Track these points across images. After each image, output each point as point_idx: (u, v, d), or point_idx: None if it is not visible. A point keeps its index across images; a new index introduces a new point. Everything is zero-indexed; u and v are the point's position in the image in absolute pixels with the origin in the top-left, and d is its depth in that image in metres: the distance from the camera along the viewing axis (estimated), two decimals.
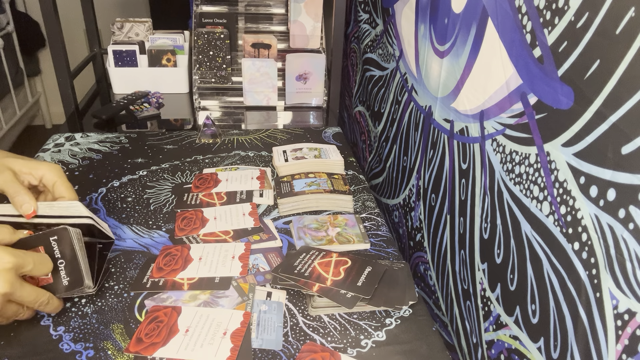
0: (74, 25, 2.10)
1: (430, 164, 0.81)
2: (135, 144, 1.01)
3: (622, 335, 0.39)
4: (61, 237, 0.58)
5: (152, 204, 0.82)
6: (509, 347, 0.57)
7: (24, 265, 0.53)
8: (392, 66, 1.01)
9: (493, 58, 0.58)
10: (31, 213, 0.59)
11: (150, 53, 1.25)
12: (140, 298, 0.63)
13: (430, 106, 0.80)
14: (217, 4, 1.28)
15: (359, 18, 1.26)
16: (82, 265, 0.59)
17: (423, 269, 0.87)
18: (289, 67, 1.22)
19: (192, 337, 0.57)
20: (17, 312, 0.55)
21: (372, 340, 0.59)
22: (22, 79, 2.60)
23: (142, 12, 2.61)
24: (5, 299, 0.52)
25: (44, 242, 0.58)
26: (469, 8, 0.64)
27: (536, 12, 0.49)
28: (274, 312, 0.62)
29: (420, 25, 0.83)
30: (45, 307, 0.57)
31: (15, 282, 0.52)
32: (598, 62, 0.41)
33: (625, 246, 0.38)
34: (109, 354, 0.55)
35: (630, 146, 0.38)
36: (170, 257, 0.69)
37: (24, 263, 0.53)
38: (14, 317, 0.56)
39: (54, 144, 1.00)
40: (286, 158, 0.95)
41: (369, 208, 0.85)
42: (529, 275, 0.52)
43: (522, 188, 0.53)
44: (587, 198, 0.43)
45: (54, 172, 0.64)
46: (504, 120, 0.57)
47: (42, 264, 0.56)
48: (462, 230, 0.70)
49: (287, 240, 0.75)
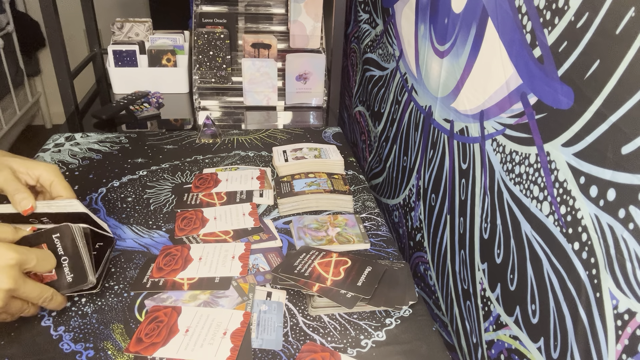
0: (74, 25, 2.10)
1: (430, 164, 0.81)
2: (135, 144, 1.01)
3: (622, 335, 0.39)
4: (64, 233, 0.59)
5: (152, 204, 0.82)
6: (509, 347, 0.57)
7: (28, 262, 0.54)
8: (392, 66, 1.01)
9: (493, 58, 0.58)
10: (29, 209, 0.60)
11: (150, 53, 1.26)
12: (140, 298, 0.63)
13: (430, 106, 0.80)
14: (217, 4, 1.28)
15: (359, 18, 1.26)
16: (86, 262, 0.59)
17: (423, 269, 0.87)
18: (289, 67, 1.22)
19: (192, 337, 0.57)
20: (21, 309, 0.55)
21: (372, 340, 0.59)
22: (22, 79, 2.60)
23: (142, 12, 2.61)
24: (10, 295, 0.52)
25: (46, 240, 0.58)
26: (469, 8, 0.64)
27: (536, 12, 0.49)
28: (274, 312, 0.62)
29: (420, 25, 0.83)
30: (49, 304, 0.57)
31: (19, 279, 0.52)
32: (598, 62, 0.41)
33: (625, 246, 0.38)
34: (109, 354, 0.55)
35: (630, 146, 0.38)
36: (170, 257, 0.69)
37: (28, 259, 0.53)
38: (19, 313, 0.56)
39: (54, 144, 1.00)
40: (286, 158, 0.95)
41: (369, 208, 0.85)
42: (529, 275, 0.53)
43: (522, 188, 0.53)
44: (587, 198, 0.43)
45: (51, 172, 0.64)
46: (504, 120, 0.57)
47: (45, 260, 0.56)
48: (462, 230, 0.70)
49: (287, 240, 0.75)
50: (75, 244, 0.59)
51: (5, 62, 2.35)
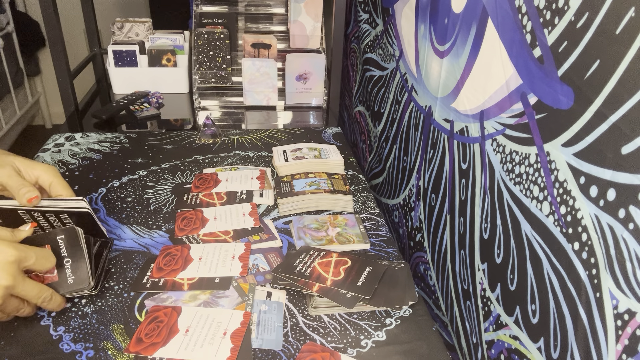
0: (74, 25, 2.10)
1: (430, 164, 0.81)
2: (135, 144, 1.01)
3: (622, 335, 0.39)
4: (69, 236, 0.60)
5: (152, 204, 0.82)
6: (509, 347, 0.57)
7: (27, 259, 0.54)
8: (392, 66, 1.01)
9: (493, 58, 0.58)
10: (34, 197, 0.60)
11: (150, 53, 1.25)
12: (140, 298, 0.63)
13: (430, 106, 0.80)
14: (217, 4, 1.28)
15: (359, 18, 1.26)
16: (88, 265, 0.60)
17: (423, 269, 0.87)
18: (289, 67, 1.22)
19: (192, 337, 0.57)
20: (17, 308, 0.55)
21: (372, 340, 0.59)
22: (22, 79, 2.60)
23: (142, 12, 2.61)
24: (8, 292, 0.52)
25: (51, 241, 0.59)
26: (469, 8, 0.64)
27: (536, 12, 0.49)
28: (274, 312, 0.62)
29: (420, 25, 0.83)
30: (48, 304, 0.57)
31: (17, 276, 0.52)
32: (598, 62, 0.41)
33: (625, 246, 0.38)
34: (109, 354, 0.55)
35: (630, 146, 0.38)
36: (170, 257, 0.69)
37: (27, 257, 0.54)
38: (15, 312, 0.56)
39: (54, 144, 1.00)
40: (286, 158, 0.95)
41: (369, 208, 0.85)
42: (529, 275, 0.52)
43: (522, 188, 0.53)
44: (587, 198, 0.43)
45: (50, 172, 0.64)
46: (504, 120, 0.57)
47: (44, 259, 0.56)
48: (462, 230, 0.70)
49: (287, 240, 0.75)
50: (80, 246, 0.60)
51: (5, 62, 2.35)
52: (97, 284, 0.62)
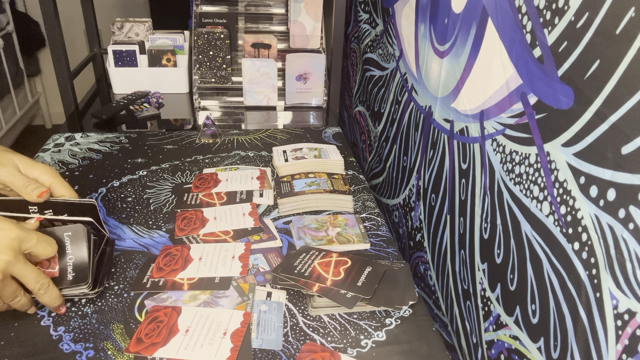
0: (74, 25, 2.10)
1: (430, 164, 0.81)
2: (135, 144, 1.01)
3: (622, 335, 0.39)
4: (75, 233, 0.61)
5: (152, 204, 0.82)
6: (509, 347, 0.57)
7: (28, 239, 0.54)
8: (392, 66, 1.01)
9: (493, 58, 0.58)
10: (44, 192, 0.61)
11: (150, 53, 1.26)
12: (140, 298, 0.63)
13: (430, 106, 0.80)
14: (217, 4, 1.28)
15: (359, 18, 1.26)
16: (90, 264, 0.61)
17: (423, 269, 0.87)
18: (289, 67, 1.22)
19: (192, 337, 0.57)
20: (15, 293, 0.55)
21: (372, 340, 0.59)
22: (22, 79, 2.60)
23: (142, 12, 2.61)
24: (8, 268, 0.52)
25: (57, 237, 0.60)
26: (469, 8, 0.64)
27: (536, 12, 0.49)
28: (274, 312, 0.62)
29: (420, 25, 0.83)
30: (45, 294, 0.57)
31: (18, 254, 0.53)
32: (598, 62, 0.41)
33: (625, 246, 0.38)
34: (109, 354, 0.55)
35: (630, 146, 0.38)
36: (170, 257, 0.69)
37: (29, 237, 0.55)
38: (12, 298, 0.55)
39: (54, 144, 1.00)
40: (286, 158, 0.95)
41: (369, 208, 0.85)
42: (529, 275, 0.52)
43: (522, 188, 0.53)
44: (587, 198, 0.43)
45: (50, 173, 0.64)
46: (504, 120, 0.57)
47: (46, 242, 0.57)
48: (462, 230, 0.70)
49: (287, 240, 0.75)
50: (85, 245, 0.61)
51: (5, 62, 2.35)
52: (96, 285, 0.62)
